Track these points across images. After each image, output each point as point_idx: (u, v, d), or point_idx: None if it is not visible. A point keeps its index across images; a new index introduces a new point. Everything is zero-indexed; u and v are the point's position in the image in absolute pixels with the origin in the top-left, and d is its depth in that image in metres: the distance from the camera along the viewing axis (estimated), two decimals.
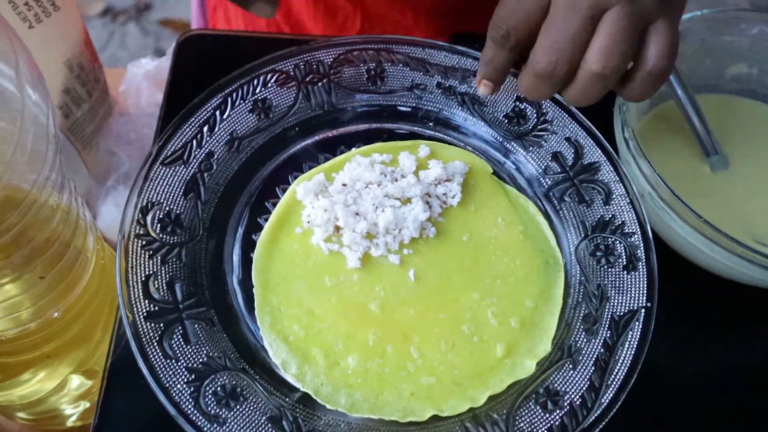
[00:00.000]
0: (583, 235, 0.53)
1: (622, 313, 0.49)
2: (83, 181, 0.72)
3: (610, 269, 0.51)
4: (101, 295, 0.56)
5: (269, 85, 0.56)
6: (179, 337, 0.46)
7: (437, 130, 0.59)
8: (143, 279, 0.47)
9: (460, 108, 0.58)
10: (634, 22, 0.44)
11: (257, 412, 0.44)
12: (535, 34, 0.45)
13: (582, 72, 0.45)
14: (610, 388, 0.46)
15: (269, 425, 0.44)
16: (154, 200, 0.50)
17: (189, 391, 0.44)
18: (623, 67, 0.45)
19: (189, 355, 0.46)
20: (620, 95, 0.48)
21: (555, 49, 0.44)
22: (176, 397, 0.44)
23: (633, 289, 0.50)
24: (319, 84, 0.58)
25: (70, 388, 0.59)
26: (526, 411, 0.46)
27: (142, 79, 0.77)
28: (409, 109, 0.59)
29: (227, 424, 0.43)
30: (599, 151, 0.55)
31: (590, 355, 0.47)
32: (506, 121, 0.58)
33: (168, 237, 0.50)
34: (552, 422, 0.45)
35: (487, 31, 0.48)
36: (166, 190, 0.51)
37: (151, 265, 0.48)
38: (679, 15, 0.47)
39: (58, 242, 0.49)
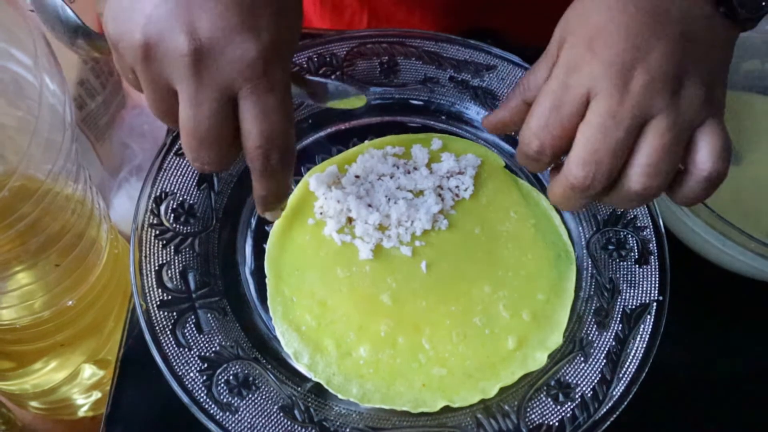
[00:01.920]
0: (594, 229, 0.53)
1: (633, 307, 0.49)
2: (96, 173, 0.73)
3: (622, 263, 0.51)
4: (114, 284, 0.57)
5: None
6: (192, 326, 0.46)
7: (450, 123, 0.59)
8: (156, 268, 0.48)
9: (472, 102, 0.58)
10: (681, 132, 0.39)
11: (269, 401, 0.45)
12: (572, 141, 0.40)
13: (622, 188, 0.40)
14: (622, 381, 0.46)
15: (281, 414, 0.44)
16: (167, 190, 0.51)
17: (202, 380, 0.44)
18: (667, 184, 0.40)
19: (202, 344, 0.46)
20: (671, 199, 0.42)
21: (593, 162, 0.39)
22: (189, 386, 0.44)
23: (645, 282, 0.50)
24: (332, 77, 0.58)
25: (82, 378, 0.59)
26: (538, 403, 0.46)
27: None
28: (421, 103, 0.59)
29: (239, 413, 0.44)
30: None
31: (602, 348, 0.48)
32: None
33: (181, 227, 0.50)
34: (563, 414, 0.45)
35: (519, 143, 0.42)
36: (179, 180, 0.51)
37: (164, 255, 0.48)
38: (723, 110, 0.41)
39: (73, 231, 0.50)
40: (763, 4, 0.41)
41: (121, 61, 0.39)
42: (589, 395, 0.46)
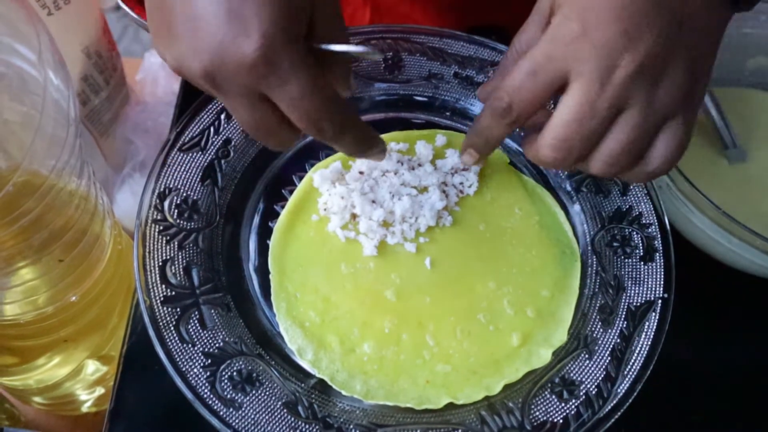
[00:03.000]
0: (599, 226, 0.53)
1: (638, 304, 0.49)
2: (100, 168, 0.73)
3: (626, 260, 0.51)
4: (117, 280, 0.57)
5: None
6: (196, 321, 0.46)
7: (454, 119, 0.59)
8: (160, 264, 0.48)
9: (477, 98, 0.58)
10: (651, 125, 0.40)
11: (273, 398, 0.44)
12: (538, 113, 0.42)
13: (587, 167, 0.42)
14: (627, 379, 0.46)
15: (285, 410, 0.44)
16: (171, 186, 0.50)
17: (205, 376, 0.44)
18: (626, 171, 0.42)
19: (205, 340, 0.46)
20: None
21: (565, 149, 0.41)
22: (193, 381, 0.44)
23: (650, 279, 0.50)
24: None
25: (85, 374, 0.59)
26: (542, 400, 0.46)
27: (158, 68, 0.77)
28: (426, 99, 0.59)
29: (243, 409, 0.44)
30: None
31: (606, 346, 0.47)
32: None
33: (185, 223, 0.50)
34: (568, 411, 0.45)
35: (488, 98, 0.43)
36: (183, 176, 0.51)
37: (168, 251, 0.48)
38: (697, 108, 0.42)
39: (76, 227, 0.50)
40: None
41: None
42: (593, 392, 0.45)
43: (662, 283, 0.49)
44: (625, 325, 0.48)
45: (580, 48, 0.39)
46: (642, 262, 0.50)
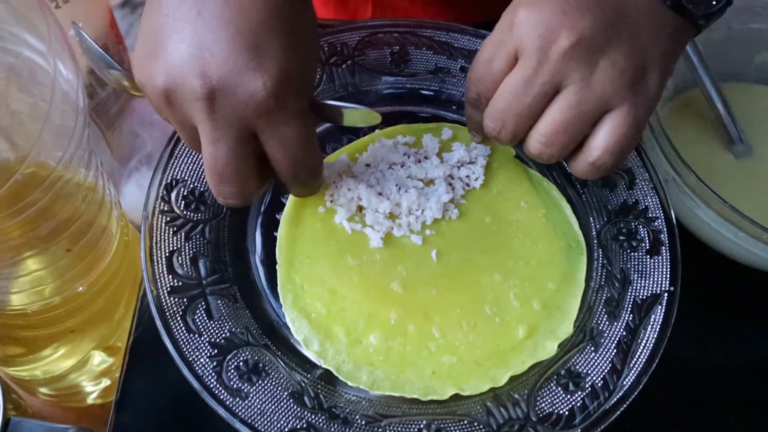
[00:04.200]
0: (605, 219, 0.53)
1: (644, 297, 0.49)
2: (106, 161, 0.73)
3: (632, 253, 0.51)
4: (124, 271, 0.57)
5: None
6: (202, 312, 0.46)
7: (460, 113, 0.58)
8: (167, 254, 0.48)
9: None
10: (588, 109, 0.41)
11: (279, 388, 0.45)
12: None
13: (526, 146, 0.44)
14: (632, 371, 0.46)
15: (291, 400, 0.44)
16: (178, 177, 0.51)
17: (212, 366, 0.44)
18: (564, 154, 0.43)
19: (212, 330, 0.46)
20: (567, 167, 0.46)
21: (500, 120, 0.43)
22: (199, 371, 0.44)
23: (656, 273, 0.50)
24: (343, 66, 0.58)
25: (92, 365, 0.59)
26: (548, 392, 0.46)
27: None
28: (432, 93, 0.59)
29: (249, 399, 0.44)
30: None
31: (612, 338, 0.47)
32: None
33: (192, 214, 0.50)
34: (573, 403, 0.45)
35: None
36: (190, 167, 0.51)
37: (175, 241, 0.48)
38: (649, 105, 0.42)
39: (83, 218, 0.50)
40: (714, 2, 0.41)
41: (151, 102, 0.42)
42: (599, 385, 0.46)
43: (668, 276, 0.49)
44: (631, 318, 0.48)
45: (524, 30, 0.41)
46: (648, 256, 0.50)
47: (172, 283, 0.47)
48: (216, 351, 0.45)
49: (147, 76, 0.40)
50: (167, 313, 0.46)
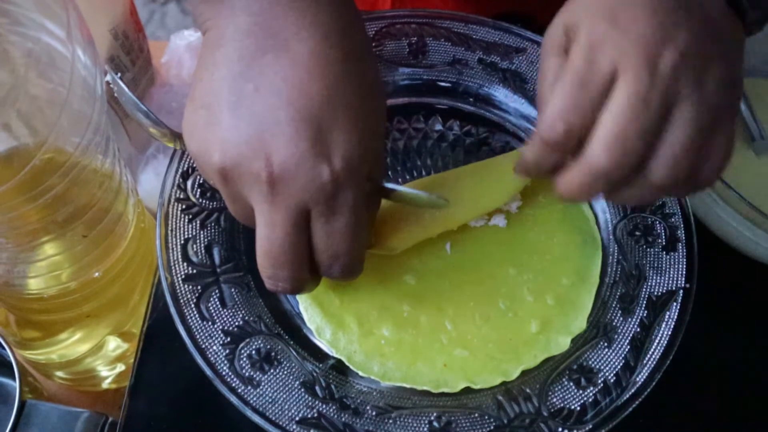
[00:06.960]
0: (621, 215, 0.52)
1: (659, 293, 0.48)
2: (124, 149, 0.73)
3: (648, 249, 0.50)
4: (140, 258, 0.57)
5: None
6: (216, 300, 0.47)
7: (478, 106, 0.58)
8: (182, 242, 0.48)
9: (501, 84, 0.58)
10: (706, 123, 0.36)
11: (291, 377, 0.45)
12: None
13: (643, 180, 0.37)
14: (645, 368, 0.46)
15: (302, 390, 0.44)
16: (194, 166, 0.51)
17: (224, 353, 0.45)
18: (686, 180, 0.38)
19: (225, 318, 0.46)
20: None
21: (621, 146, 0.36)
22: (212, 358, 0.44)
23: (672, 269, 0.49)
24: None
25: (107, 350, 0.60)
26: (560, 387, 0.45)
27: (184, 50, 0.78)
28: (449, 85, 0.59)
29: (261, 387, 0.44)
30: None
31: (626, 334, 0.47)
32: None
33: (207, 202, 0.50)
34: (585, 399, 0.45)
35: (535, 133, 0.39)
36: None
37: (190, 229, 0.49)
38: (735, 117, 0.39)
39: (100, 204, 0.50)
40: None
41: (202, 173, 0.41)
42: (612, 381, 0.45)
43: (684, 273, 0.49)
44: (645, 314, 0.48)
45: (620, 43, 0.36)
46: (664, 252, 0.50)
47: (186, 271, 0.47)
48: (229, 339, 0.45)
49: (202, 149, 0.39)
50: (181, 301, 0.46)
